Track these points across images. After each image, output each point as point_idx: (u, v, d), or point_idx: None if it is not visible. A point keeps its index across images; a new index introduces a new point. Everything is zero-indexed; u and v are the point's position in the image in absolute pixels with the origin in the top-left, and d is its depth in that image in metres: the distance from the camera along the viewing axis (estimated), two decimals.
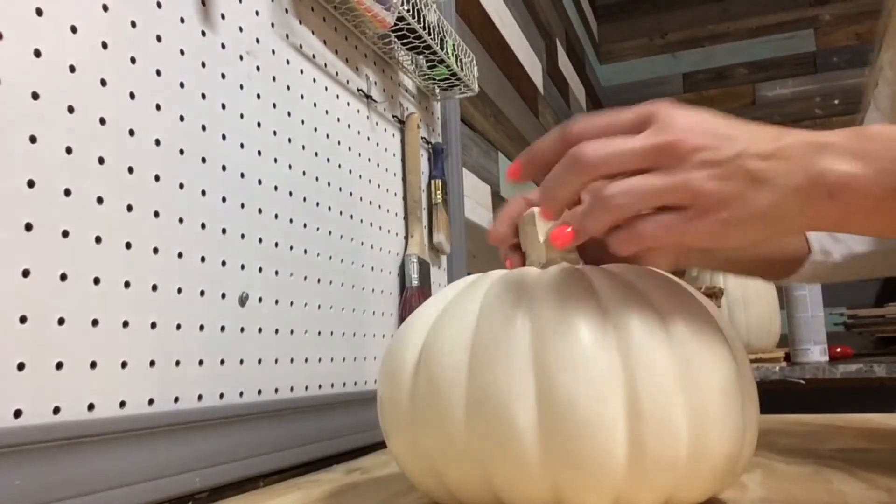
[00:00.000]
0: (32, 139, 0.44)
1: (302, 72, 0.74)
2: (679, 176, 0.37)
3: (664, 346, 0.37)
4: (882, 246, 0.67)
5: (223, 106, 0.62)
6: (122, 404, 0.49)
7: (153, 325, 0.52)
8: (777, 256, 0.65)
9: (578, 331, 0.37)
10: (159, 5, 0.56)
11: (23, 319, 0.43)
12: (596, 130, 0.39)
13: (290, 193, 0.70)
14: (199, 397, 0.56)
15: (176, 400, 0.54)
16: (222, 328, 0.59)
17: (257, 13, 0.67)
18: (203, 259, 0.58)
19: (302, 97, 0.73)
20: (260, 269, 0.64)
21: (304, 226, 0.72)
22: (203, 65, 0.60)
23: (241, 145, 0.64)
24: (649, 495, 0.37)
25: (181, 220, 0.56)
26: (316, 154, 0.75)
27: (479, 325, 0.39)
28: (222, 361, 0.59)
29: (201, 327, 0.57)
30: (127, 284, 0.50)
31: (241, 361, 0.61)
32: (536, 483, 0.37)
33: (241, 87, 0.64)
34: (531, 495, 0.37)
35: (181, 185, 0.56)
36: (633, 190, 0.37)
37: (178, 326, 0.55)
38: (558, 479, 0.37)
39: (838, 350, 1.82)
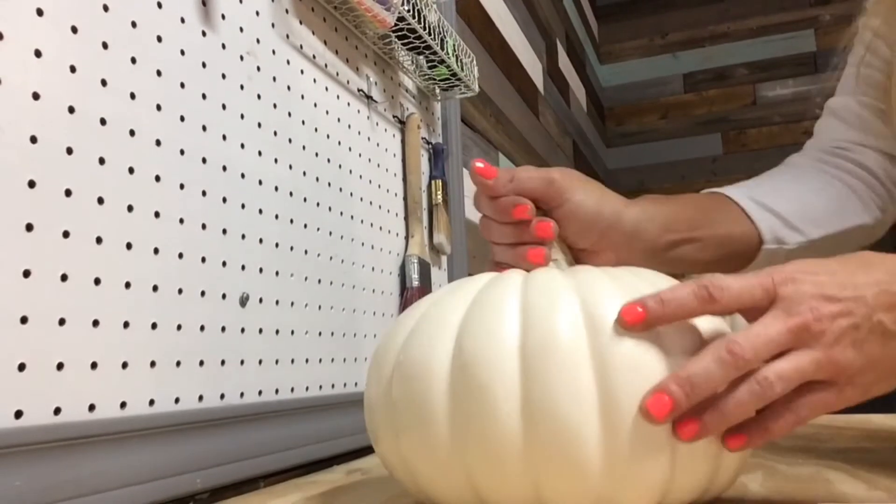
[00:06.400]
0: (32, 139, 0.44)
1: (302, 72, 0.74)
2: (822, 353, 0.38)
3: (644, 341, 0.37)
4: (835, 229, 0.67)
5: (224, 106, 0.62)
6: (123, 405, 0.49)
7: (154, 326, 0.52)
8: (730, 252, 0.63)
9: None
10: (159, 5, 0.56)
11: (23, 320, 0.43)
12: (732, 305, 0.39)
13: (291, 194, 0.70)
14: (200, 398, 0.56)
15: (177, 400, 0.54)
16: (223, 329, 0.59)
17: (258, 13, 0.67)
18: (203, 259, 0.58)
19: (302, 97, 0.73)
20: (260, 270, 0.64)
21: (305, 226, 0.72)
22: (203, 65, 0.60)
23: (242, 145, 0.64)
24: (633, 495, 0.37)
25: (182, 221, 0.56)
26: (316, 154, 0.75)
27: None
28: (223, 362, 0.59)
29: (202, 328, 0.57)
30: (128, 285, 0.50)
31: (242, 362, 0.61)
32: (518, 482, 0.37)
33: (242, 87, 0.64)
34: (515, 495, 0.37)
35: (182, 186, 0.56)
36: (785, 376, 0.37)
37: (179, 327, 0.55)
38: (539, 477, 0.36)
39: None
